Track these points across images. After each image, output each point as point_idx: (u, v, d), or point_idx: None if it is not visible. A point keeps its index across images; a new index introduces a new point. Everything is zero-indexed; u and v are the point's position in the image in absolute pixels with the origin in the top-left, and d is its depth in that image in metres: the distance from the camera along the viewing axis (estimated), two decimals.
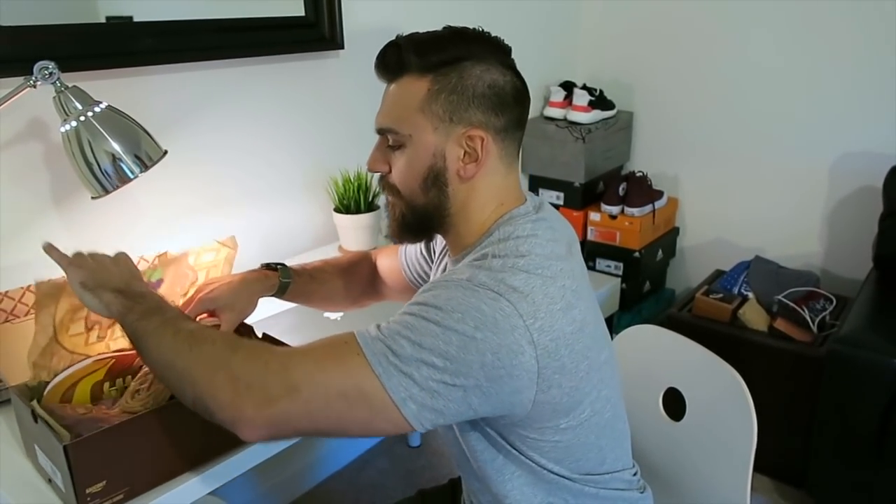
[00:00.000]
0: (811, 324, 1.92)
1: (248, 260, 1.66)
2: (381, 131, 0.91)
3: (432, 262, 1.14)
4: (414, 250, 1.19)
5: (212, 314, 1.04)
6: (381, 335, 0.78)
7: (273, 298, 1.14)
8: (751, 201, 2.44)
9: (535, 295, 0.80)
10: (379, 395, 0.76)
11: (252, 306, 1.09)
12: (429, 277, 1.15)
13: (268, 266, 1.15)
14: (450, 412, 0.78)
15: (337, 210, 1.73)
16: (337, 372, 0.77)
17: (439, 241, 1.10)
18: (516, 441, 0.88)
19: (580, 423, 0.88)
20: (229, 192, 1.62)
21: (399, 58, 0.88)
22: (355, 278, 1.25)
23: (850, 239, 2.25)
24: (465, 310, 0.77)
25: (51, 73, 1.08)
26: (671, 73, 2.50)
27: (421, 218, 0.92)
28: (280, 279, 1.13)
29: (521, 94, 0.91)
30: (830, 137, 2.23)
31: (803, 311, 1.94)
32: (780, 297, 1.99)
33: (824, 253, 2.33)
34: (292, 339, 1.27)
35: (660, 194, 2.46)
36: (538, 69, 2.48)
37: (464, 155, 0.88)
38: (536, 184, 2.50)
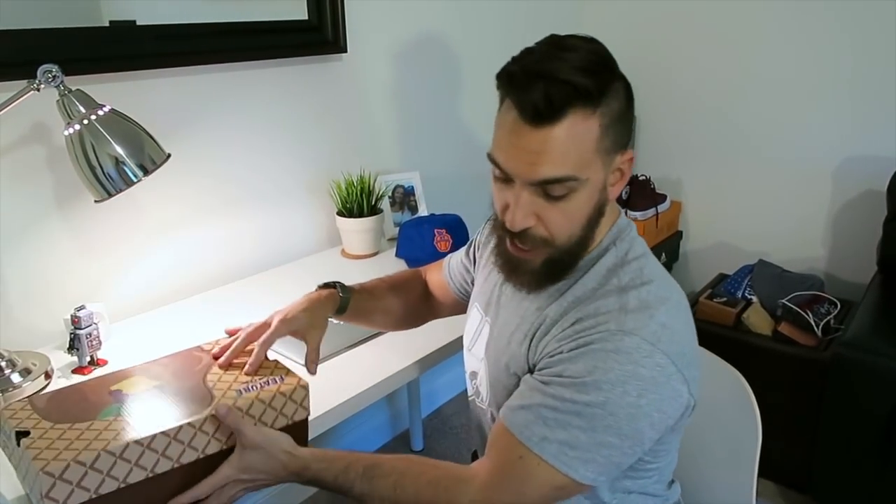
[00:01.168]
0: (815, 328, 1.91)
1: (250, 262, 1.67)
2: (549, 182, 0.79)
3: (474, 268, 1.12)
4: (457, 261, 1.18)
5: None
6: (548, 433, 0.78)
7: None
8: (754, 205, 2.44)
9: (676, 327, 0.81)
10: (572, 485, 0.79)
11: (326, 325, 1.05)
12: (470, 287, 1.13)
13: (325, 285, 1.09)
14: (626, 465, 0.83)
15: (340, 213, 1.73)
16: (531, 490, 0.80)
17: (482, 246, 1.09)
18: (627, 469, 0.87)
19: (677, 436, 0.90)
20: (232, 196, 1.62)
21: (562, 98, 0.75)
22: (410, 295, 1.20)
23: (854, 242, 2.25)
24: (625, 380, 0.77)
25: (54, 77, 1.08)
26: (674, 77, 2.50)
27: (574, 258, 0.86)
28: (339, 295, 1.07)
29: None
30: (834, 141, 2.22)
31: (807, 315, 1.93)
32: (784, 300, 1.98)
33: (828, 256, 2.32)
34: (296, 343, 1.26)
35: (663, 198, 2.45)
36: None
37: (613, 178, 0.84)
38: None
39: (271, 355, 1.01)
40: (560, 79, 0.75)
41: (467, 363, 1.06)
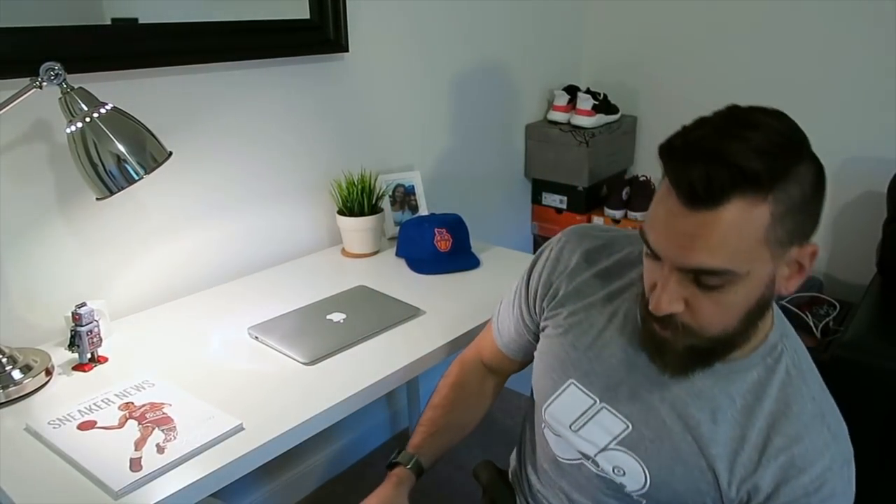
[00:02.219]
0: (815, 329, 1.91)
1: (249, 260, 1.67)
2: (703, 272, 0.71)
3: (538, 313, 1.03)
4: (507, 324, 1.11)
5: None
6: None
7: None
8: None
9: None
10: None
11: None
12: (535, 338, 1.05)
13: (392, 465, 1.07)
14: None
15: (340, 212, 1.73)
16: None
17: (566, 297, 0.98)
18: None
19: None
20: (233, 194, 1.62)
21: (723, 182, 0.67)
22: (470, 394, 1.15)
23: (853, 244, 2.25)
24: (845, 448, 0.83)
25: (57, 75, 1.09)
26: (675, 78, 2.50)
27: (730, 348, 0.79)
28: (408, 469, 1.05)
29: None
30: (834, 142, 2.22)
31: (807, 316, 1.93)
32: (782, 302, 1.98)
33: (828, 258, 2.32)
34: (295, 341, 1.26)
35: None
36: (542, 73, 2.48)
37: (789, 271, 0.75)
38: (540, 188, 2.50)
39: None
40: (726, 160, 0.66)
41: (569, 440, 0.96)
